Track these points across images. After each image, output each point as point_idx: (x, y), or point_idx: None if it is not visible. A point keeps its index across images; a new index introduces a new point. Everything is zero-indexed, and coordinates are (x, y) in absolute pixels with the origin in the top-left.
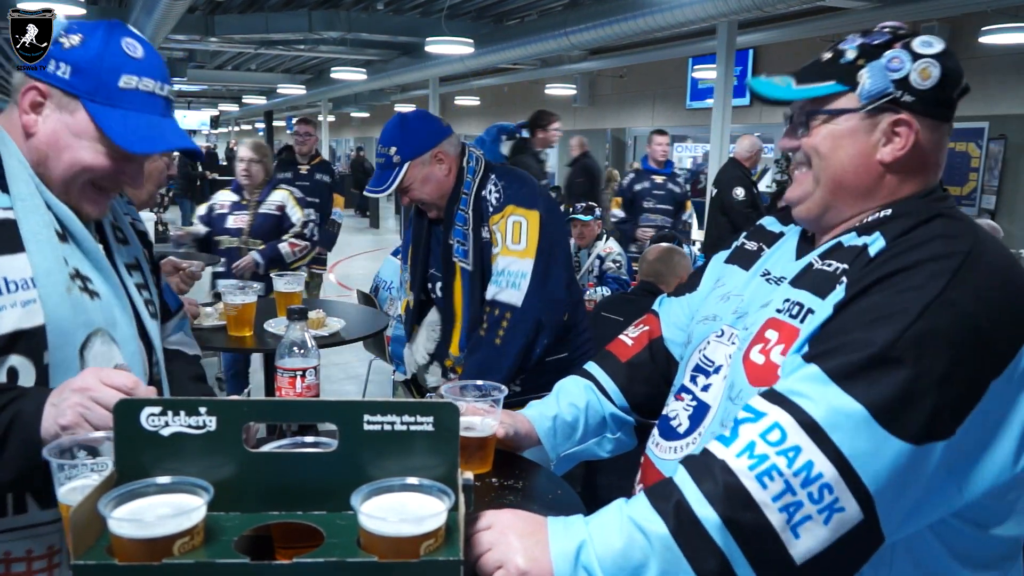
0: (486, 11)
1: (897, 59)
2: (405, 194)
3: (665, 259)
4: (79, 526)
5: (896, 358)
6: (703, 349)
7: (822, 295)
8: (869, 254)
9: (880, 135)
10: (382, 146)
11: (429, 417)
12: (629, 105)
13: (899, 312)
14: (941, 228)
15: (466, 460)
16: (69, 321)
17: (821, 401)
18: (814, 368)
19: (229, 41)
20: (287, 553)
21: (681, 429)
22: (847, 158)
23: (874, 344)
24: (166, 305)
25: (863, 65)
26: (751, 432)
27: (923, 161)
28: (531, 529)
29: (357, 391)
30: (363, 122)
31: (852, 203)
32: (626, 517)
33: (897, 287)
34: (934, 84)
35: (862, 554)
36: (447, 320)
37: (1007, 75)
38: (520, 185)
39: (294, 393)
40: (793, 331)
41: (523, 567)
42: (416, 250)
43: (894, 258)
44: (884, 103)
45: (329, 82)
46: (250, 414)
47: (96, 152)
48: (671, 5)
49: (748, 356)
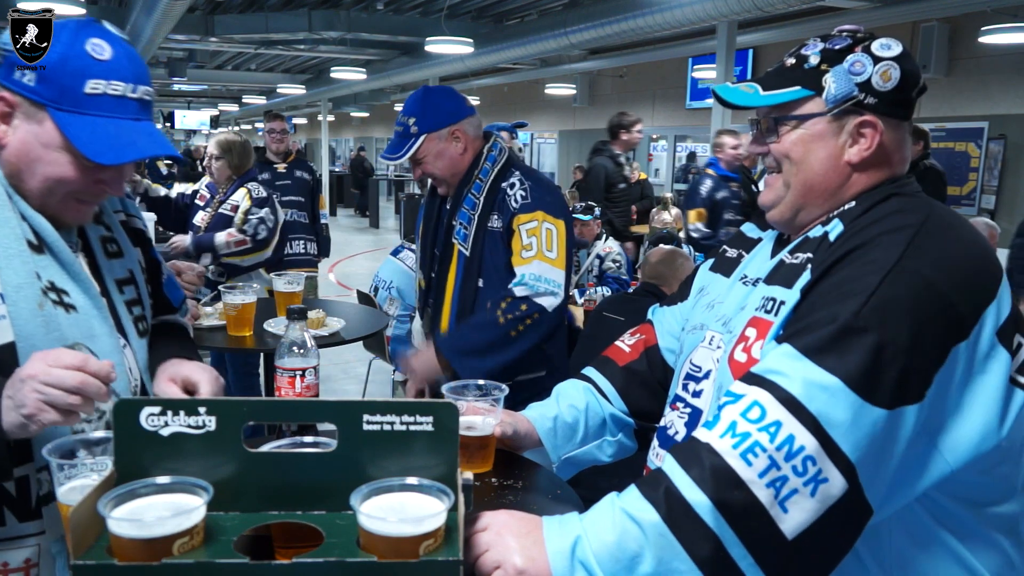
0: (486, 11)
1: (859, 63)
2: (417, 166)
3: (668, 261)
4: (79, 526)
5: (862, 327)
6: (691, 357)
7: (790, 285)
8: (830, 239)
9: (847, 136)
10: (403, 115)
11: (429, 417)
12: (629, 105)
13: (861, 284)
14: (896, 204)
15: (467, 459)
16: (40, 338)
17: (796, 376)
18: (786, 347)
19: (229, 41)
20: (287, 553)
21: (678, 437)
22: (817, 161)
23: (840, 317)
24: (169, 303)
25: (827, 70)
26: (732, 412)
27: (887, 159)
28: (527, 528)
29: (357, 391)
30: (363, 122)
31: (822, 203)
32: (618, 509)
33: (857, 262)
34: (895, 85)
35: (852, 527)
36: (437, 301)
37: (1007, 75)
38: (549, 192)
39: (294, 393)
40: (768, 324)
41: (521, 566)
42: (426, 228)
43: (853, 236)
44: (849, 106)
45: (329, 82)
46: (250, 414)
47: (67, 164)
48: (671, 5)
49: (732, 356)
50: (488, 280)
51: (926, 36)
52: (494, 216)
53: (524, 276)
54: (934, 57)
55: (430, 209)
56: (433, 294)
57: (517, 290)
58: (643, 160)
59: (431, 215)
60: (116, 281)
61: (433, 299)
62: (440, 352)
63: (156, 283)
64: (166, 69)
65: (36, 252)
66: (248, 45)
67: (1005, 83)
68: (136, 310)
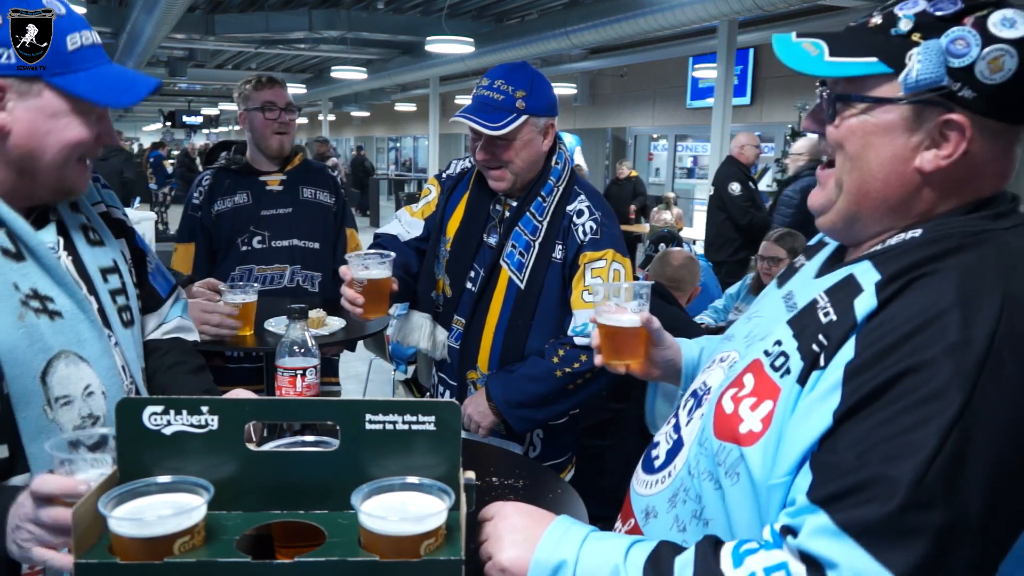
0: (486, 10)
1: (962, 40)
2: (493, 148)
3: (689, 267)
4: (80, 525)
5: (925, 502)
6: (710, 368)
7: (805, 357)
8: (855, 315)
9: (924, 136)
10: (504, 82)
11: (431, 416)
12: (629, 104)
13: (920, 436)
14: (954, 289)
15: (616, 351)
16: (23, 349)
17: (846, 570)
18: (825, 520)
19: (229, 40)
20: (288, 552)
21: (657, 463)
22: (877, 161)
23: (896, 487)
24: (156, 293)
25: (917, 42)
26: (758, 563)
27: (975, 176)
28: (527, 524)
29: (357, 391)
30: (363, 121)
31: (881, 216)
32: (616, 566)
33: (909, 397)
34: (1006, 79)
35: None
36: (473, 327)
37: None
38: (615, 223)
39: (294, 392)
40: (770, 386)
41: (504, 564)
42: (467, 230)
43: (894, 348)
44: (935, 96)
45: (329, 81)
46: (252, 413)
47: (78, 125)
48: (671, 5)
49: (720, 400)
50: (541, 318)
51: None
52: (557, 245)
53: (588, 325)
54: None
55: (476, 207)
56: (466, 315)
57: (578, 339)
58: (643, 160)
59: (476, 216)
60: (100, 270)
61: (468, 323)
62: (491, 400)
63: (142, 273)
64: (166, 69)
65: (15, 260)
66: (248, 44)
67: None
68: (120, 299)
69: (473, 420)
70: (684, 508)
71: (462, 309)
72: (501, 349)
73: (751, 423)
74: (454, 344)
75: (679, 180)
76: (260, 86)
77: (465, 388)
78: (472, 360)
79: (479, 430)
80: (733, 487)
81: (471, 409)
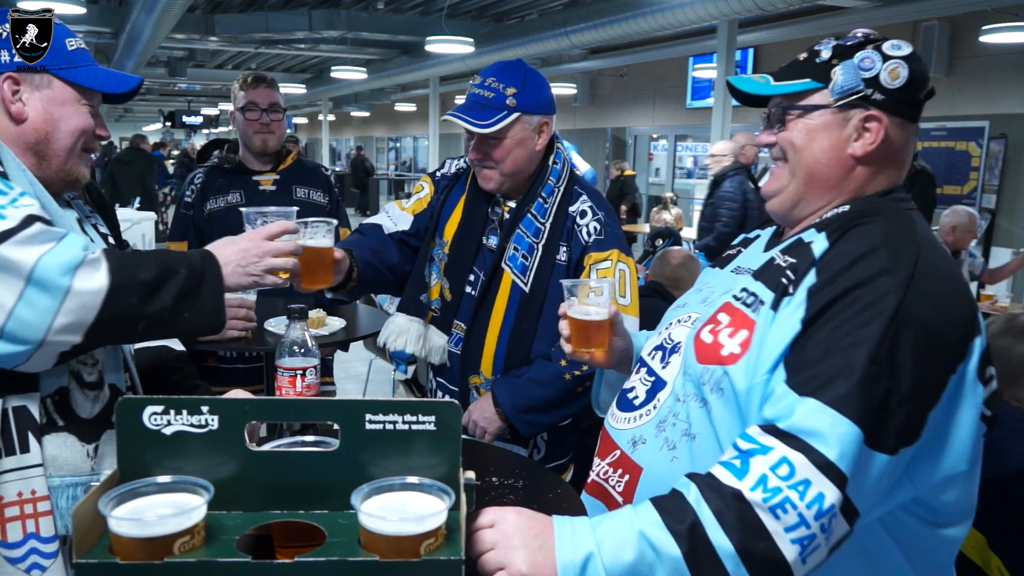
0: (486, 10)
1: (868, 59)
2: (484, 146)
3: (688, 265)
4: (81, 525)
5: (875, 376)
6: (668, 329)
7: (774, 288)
8: (814, 255)
9: (852, 130)
10: (495, 80)
11: (431, 416)
12: (629, 104)
13: (868, 331)
14: (881, 235)
15: (585, 342)
16: None
17: (832, 437)
18: (813, 402)
19: (229, 40)
20: (288, 552)
21: (637, 402)
22: (820, 151)
23: (856, 366)
24: None
25: (836, 64)
26: (761, 465)
27: (893, 157)
28: (536, 531)
29: (357, 391)
30: (363, 121)
31: (822, 195)
32: (637, 532)
33: (858, 304)
34: (903, 84)
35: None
36: (476, 331)
37: (1007, 74)
38: (616, 222)
39: (294, 392)
40: (744, 319)
41: (526, 572)
42: (466, 233)
43: (847, 270)
44: (855, 99)
45: (329, 81)
46: (252, 413)
47: (85, 113)
48: (671, 5)
49: (699, 335)
50: (546, 321)
51: (927, 35)
52: (562, 247)
53: None
54: (935, 56)
55: (474, 210)
56: (467, 319)
57: None
58: (643, 160)
59: (475, 218)
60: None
61: (469, 328)
62: (498, 405)
63: None
64: (166, 69)
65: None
66: (248, 44)
67: (1006, 82)
68: None
69: (479, 426)
70: (674, 430)
71: (462, 313)
72: (506, 353)
73: (731, 347)
74: (455, 349)
75: (679, 180)
76: (246, 86)
77: (467, 393)
78: (475, 365)
79: (485, 436)
80: (718, 400)
81: (477, 415)
